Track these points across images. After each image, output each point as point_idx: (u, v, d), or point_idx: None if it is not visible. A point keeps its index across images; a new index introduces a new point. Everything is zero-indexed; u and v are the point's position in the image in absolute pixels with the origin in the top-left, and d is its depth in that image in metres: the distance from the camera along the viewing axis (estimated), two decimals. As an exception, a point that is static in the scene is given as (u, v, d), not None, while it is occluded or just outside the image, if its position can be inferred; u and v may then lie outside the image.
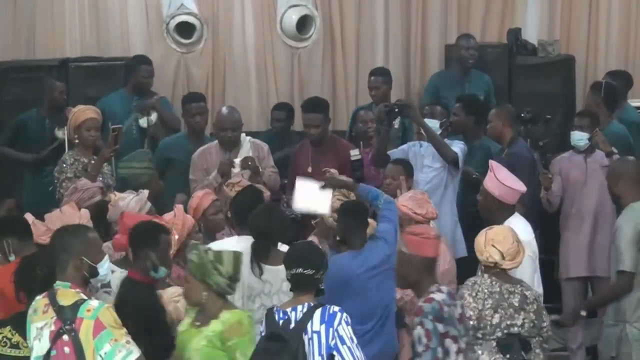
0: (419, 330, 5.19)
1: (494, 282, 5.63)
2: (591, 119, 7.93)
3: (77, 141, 7.83)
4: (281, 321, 5.16)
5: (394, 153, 8.14)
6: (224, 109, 8.20)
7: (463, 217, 7.88)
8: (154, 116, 9.06)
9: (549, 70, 9.77)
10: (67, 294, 4.79)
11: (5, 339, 4.97)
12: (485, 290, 5.61)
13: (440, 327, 5.19)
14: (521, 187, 6.43)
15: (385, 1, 10.21)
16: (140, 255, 5.45)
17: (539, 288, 6.44)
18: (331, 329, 5.13)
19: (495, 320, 5.57)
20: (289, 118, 9.26)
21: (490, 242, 5.66)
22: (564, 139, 8.55)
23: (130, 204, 6.54)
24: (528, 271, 6.29)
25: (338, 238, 6.44)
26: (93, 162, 7.68)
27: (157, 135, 8.97)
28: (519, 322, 5.59)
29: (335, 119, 9.94)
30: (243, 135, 8.07)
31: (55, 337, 4.73)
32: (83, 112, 7.87)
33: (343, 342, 5.13)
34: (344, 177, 7.05)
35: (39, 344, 4.79)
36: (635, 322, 6.48)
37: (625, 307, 6.51)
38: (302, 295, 5.26)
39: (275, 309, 5.25)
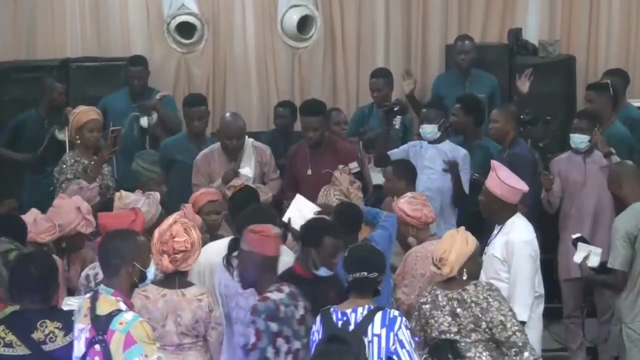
0: (250, 330, 5.25)
1: (432, 291, 5.62)
2: (590, 120, 7.91)
3: (78, 142, 7.83)
4: (340, 322, 5.17)
5: (395, 153, 8.14)
6: (228, 116, 8.12)
7: (464, 218, 7.86)
8: (155, 116, 9.06)
9: (549, 70, 9.74)
10: (107, 301, 4.84)
11: (-2, 339, 4.97)
12: (422, 300, 5.62)
13: (274, 326, 5.24)
14: (523, 186, 6.44)
15: (385, 1, 10.20)
16: (305, 252, 5.69)
17: (539, 288, 6.46)
18: (392, 333, 5.18)
19: (428, 330, 5.55)
20: (292, 115, 9.24)
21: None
22: (564, 140, 8.53)
23: (143, 208, 6.50)
24: (528, 271, 6.29)
25: None
26: (93, 162, 7.70)
27: (158, 135, 8.96)
28: (454, 329, 5.50)
29: (336, 119, 9.96)
30: (246, 137, 8.03)
31: (88, 345, 4.80)
32: (85, 114, 7.87)
33: (402, 346, 5.18)
34: None
35: (78, 345, 4.85)
36: (631, 324, 6.54)
37: (621, 308, 6.58)
38: (361, 297, 5.27)
39: (332, 309, 5.24)
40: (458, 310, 5.48)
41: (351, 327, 5.15)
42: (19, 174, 8.98)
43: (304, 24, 10.14)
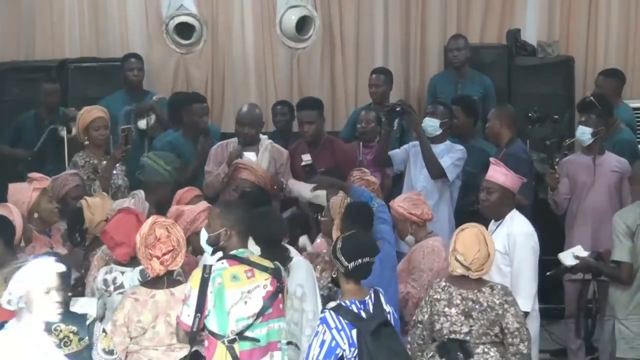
0: None
1: (446, 287, 5.62)
2: (597, 115, 7.91)
3: (87, 142, 7.82)
4: (362, 312, 5.21)
5: (395, 153, 8.17)
6: (245, 106, 8.18)
7: (462, 218, 7.85)
8: (153, 117, 9.04)
9: (548, 71, 9.79)
10: (260, 258, 5.34)
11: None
12: (436, 296, 5.62)
13: None
14: (521, 176, 6.61)
15: (384, 2, 10.21)
16: None
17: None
18: (391, 307, 5.40)
19: (438, 325, 5.57)
20: (290, 114, 9.24)
21: (454, 253, 5.59)
22: (563, 140, 8.54)
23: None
24: (531, 262, 6.36)
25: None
26: (105, 162, 7.68)
27: (155, 136, 8.93)
28: (465, 329, 5.52)
29: (335, 119, 9.97)
30: (265, 137, 8.03)
31: (272, 296, 5.24)
32: (89, 113, 7.88)
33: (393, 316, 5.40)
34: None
35: (244, 307, 5.20)
36: (624, 320, 6.60)
37: (615, 303, 6.65)
38: (359, 282, 5.32)
39: (343, 303, 5.21)
40: (473, 312, 5.50)
41: (371, 311, 5.24)
42: (19, 174, 8.92)
43: (303, 24, 10.15)
